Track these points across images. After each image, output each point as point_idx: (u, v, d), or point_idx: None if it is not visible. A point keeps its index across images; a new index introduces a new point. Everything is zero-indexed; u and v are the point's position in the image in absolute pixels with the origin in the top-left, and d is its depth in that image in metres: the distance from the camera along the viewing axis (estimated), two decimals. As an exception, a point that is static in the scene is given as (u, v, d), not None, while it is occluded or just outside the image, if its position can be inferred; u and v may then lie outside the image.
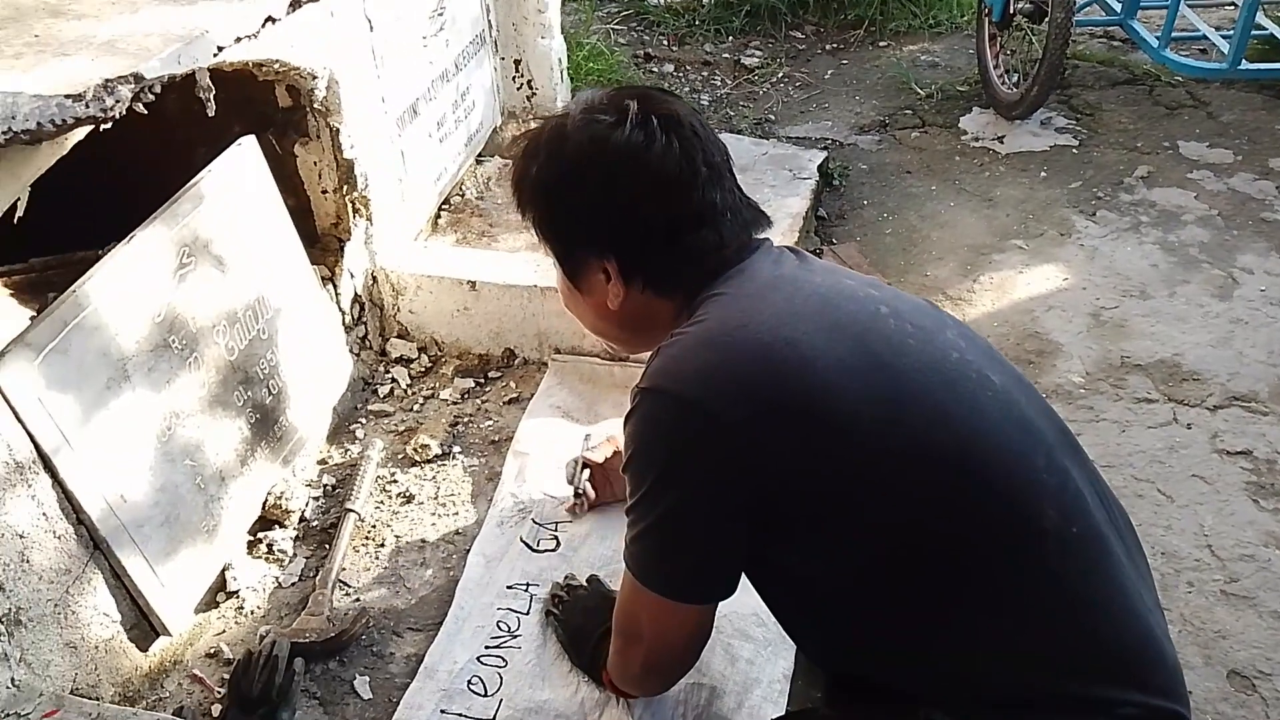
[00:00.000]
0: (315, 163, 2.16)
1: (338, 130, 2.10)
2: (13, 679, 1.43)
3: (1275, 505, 2.05)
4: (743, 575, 1.22)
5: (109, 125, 1.44)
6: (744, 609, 1.68)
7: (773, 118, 3.65)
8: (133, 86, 1.38)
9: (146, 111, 1.48)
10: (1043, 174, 3.24)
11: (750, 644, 1.66)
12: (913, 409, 1.09)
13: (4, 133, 1.16)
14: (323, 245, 2.23)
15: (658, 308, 1.26)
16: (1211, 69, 3.32)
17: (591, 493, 1.89)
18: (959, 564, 1.09)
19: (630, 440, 1.15)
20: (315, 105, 2.05)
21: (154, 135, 2.07)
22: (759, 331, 1.12)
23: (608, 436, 1.93)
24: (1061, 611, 1.09)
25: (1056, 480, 1.12)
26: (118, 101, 1.30)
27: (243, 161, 1.85)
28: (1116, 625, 1.11)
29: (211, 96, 1.65)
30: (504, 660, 1.65)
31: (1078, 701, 1.08)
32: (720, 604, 1.24)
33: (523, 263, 2.32)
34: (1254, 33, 3.30)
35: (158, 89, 1.45)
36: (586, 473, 1.88)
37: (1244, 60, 3.20)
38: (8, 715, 1.40)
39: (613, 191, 1.20)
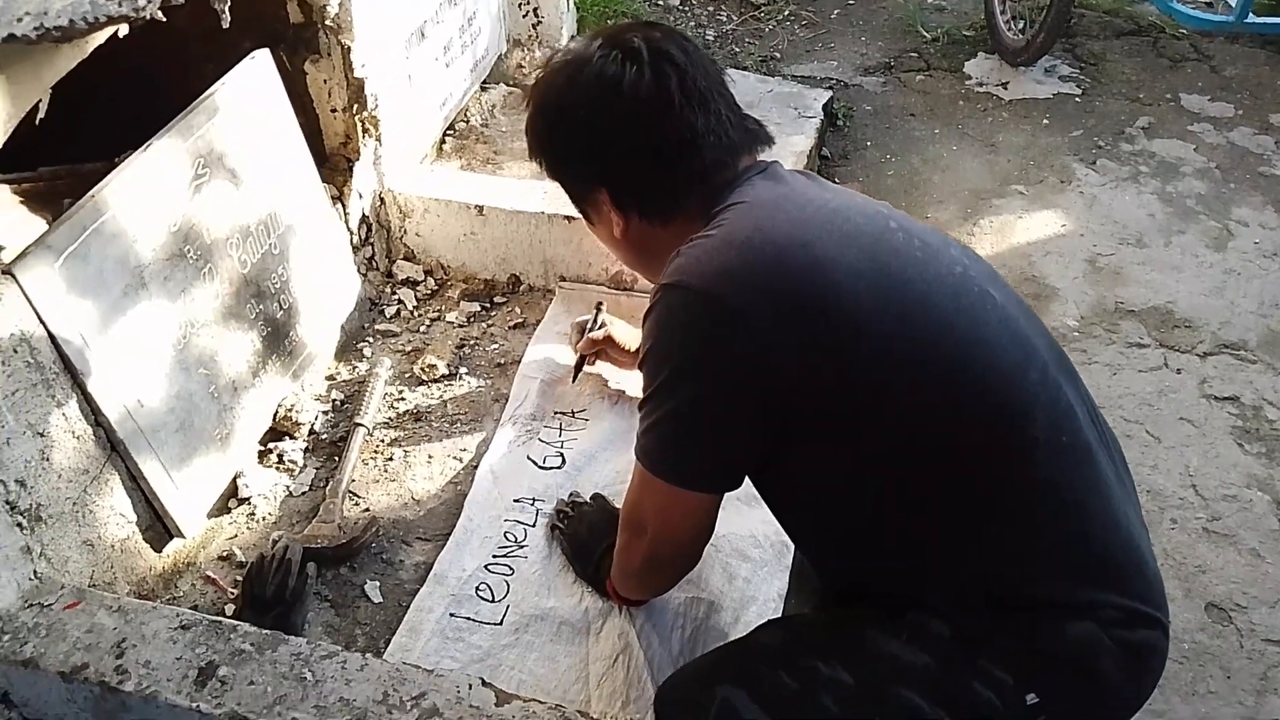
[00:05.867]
0: (325, 81, 2.15)
1: (349, 48, 2.09)
2: (35, 571, 1.47)
3: (1259, 449, 2.11)
4: (745, 482, 1.26)
5: (128, 32, 1.44)
6: (742, 530, 1.73)
7: (778, 55, 3.63)
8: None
9: (165, 19, 1.48)
10: (1045, 121, 3.26)
11: (748, 564, 1.71)
12: (918, 316, 1.13)
13: (36, 29, 1.16)
14: (331, 165, 2.23)
15: (659, 234, 1.29)
16: (1218, 21, 3.32)
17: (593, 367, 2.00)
18: (955, 468, 1.14)
19: (650, 333, 1.19)
20: (327, 22, 2.04)
21: (164, 50, 2.06)
22: (774, 235, 1.16)
23: (605, 323, 1.99)
24: (1049, 516, 1.15)
25: (1049, 393, 1.17)
26: (149, 2, 1.30)
27: (256, 75, 1.84)
28: (1102, 533, 1.16)
29: (227, 7, 1.65)
30: (511, 569, 1.70)
31: (1062, 603, 1.14)
32: (719, 527, 1.29)
33: (530, 189, 2.33)
34: (1262, -14, 3.30)
35: (186, -8, 1.45)
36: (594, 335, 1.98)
37: (1251, 14, 3.21)
38: (30, 605, 1.44)
39: (590, 125, 1.26)
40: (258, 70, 1.84)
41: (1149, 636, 1.16)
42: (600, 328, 1.97)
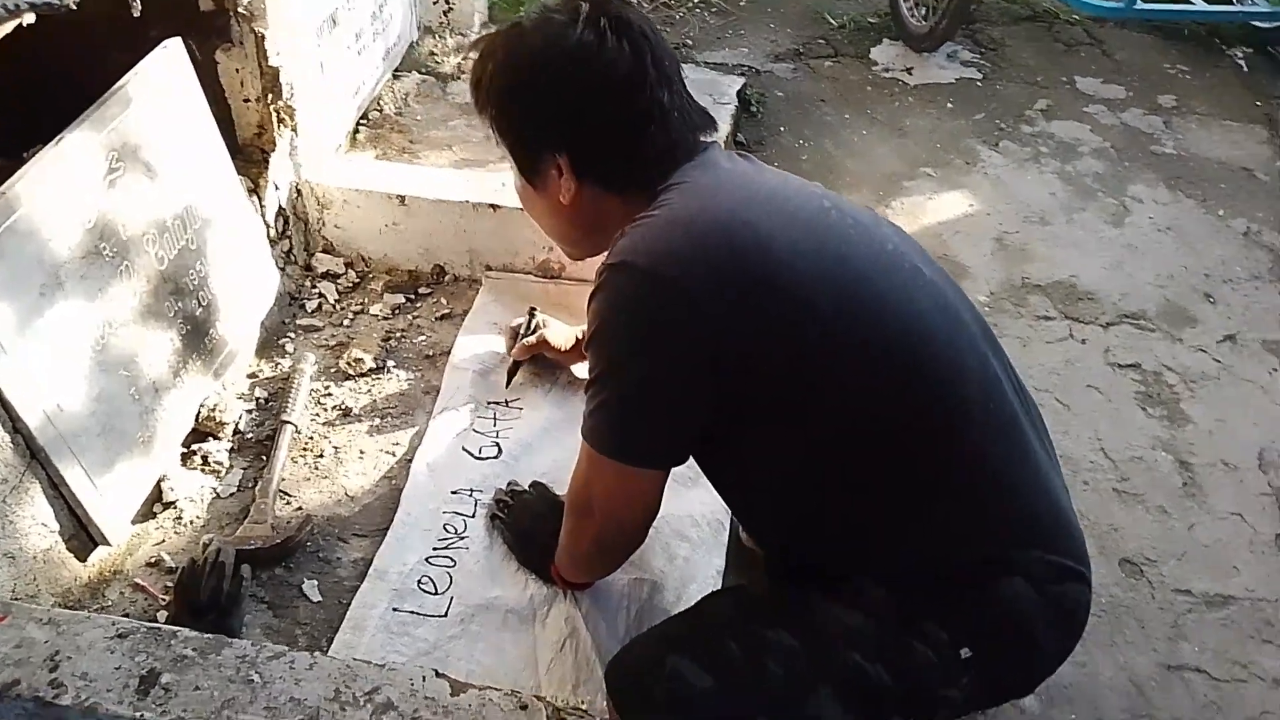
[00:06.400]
0: (238, 70, 2.09)
1: (263, 36, 2.03)
2: (-46, 587, 1.41)
3: (1161, 412, 2.23)
4: (686, 461, 1.28)
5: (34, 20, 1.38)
6: (680, 511, 1.76)
7: (690, 43, 3.66)
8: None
9: (76, 7, 1.42)
10: (950, 105, 3.36)
11: (686, 544, 1.74)
12: (857, 293, 1.17)
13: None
14: (245, 156, 2.17)
15: (608, 205, 1.30)
16: (1109, 8, 3.47)
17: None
18: (893, 440, 1.18)
19: (597, 315, 1.20)
20: (240, 9, 1.99)
21: (67, 40, 1.98)
22: (719, 214, 1.18)
23: (541, 325, 1.99)
24: (983, 483, 1.20)
25: (978, 363, 1.22)
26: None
27: (169, 65, 1.78)
28: (1029, 494, 1.23)
29: (138, -6, 1.59)
30: (453, 560, 1.69)
31: (993, 562, 1.19)
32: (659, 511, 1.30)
33: (453, 178, 2.31)
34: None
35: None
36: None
37: (1140, 1, 3.36)
38: (-48, 623, 1.38)
39: (566, 90, 1.25)
40: (170, 60, 1.78)
41: (1075, 590, 1.22)
42: (533, 332, 1.97)
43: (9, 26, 1.35)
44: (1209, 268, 2.67)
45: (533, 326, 1.98)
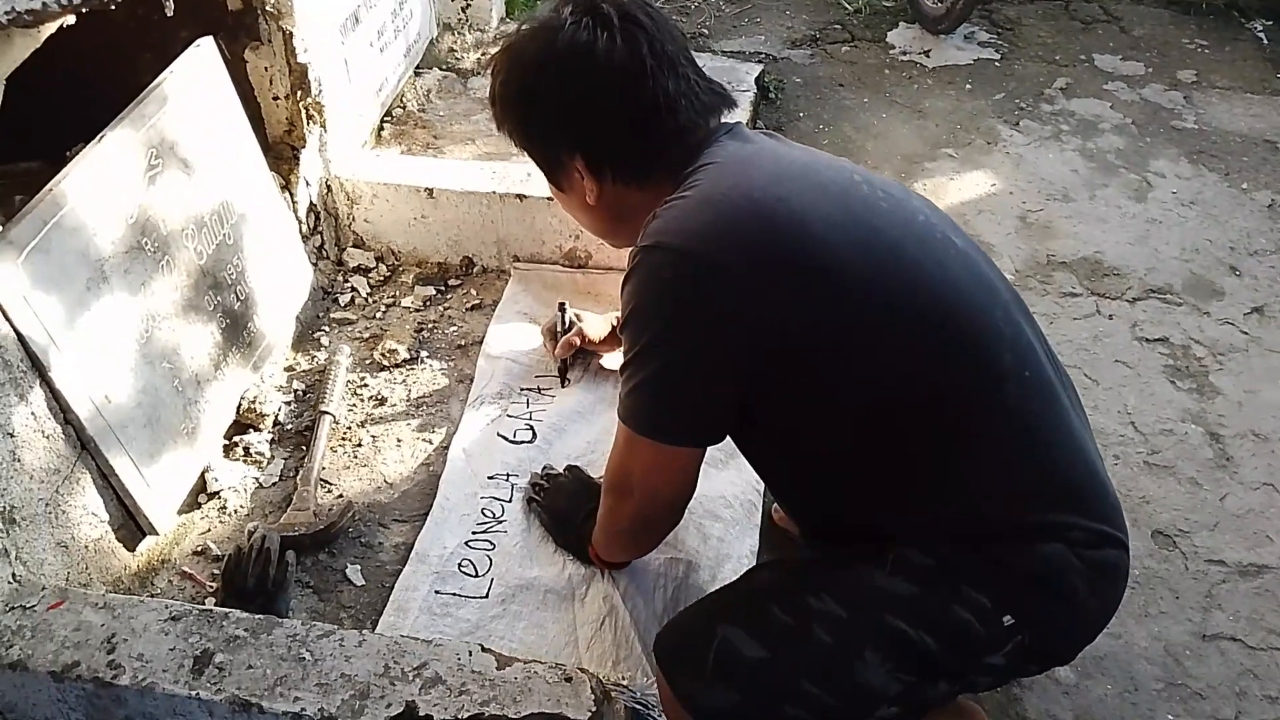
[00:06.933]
0: (267, 68, 2.13)
1: (291, 34, 2.07)
2: (13, 574, 1.44)
3: (1190, 385, 2.24)
4: (724, 439, 1.30)
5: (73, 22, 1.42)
6: (712, 493, 1.78)
7: (706, 32, 3.68)
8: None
9: (115, 6, 1.46)
10: (968, 86, 3.36)
11: (720, 523, 1.76)
12: (891, 264, 1.18)
13: (7, 13, 1.14)
14: (276, 153, 2.21)
15: (634, 198, 1.31)
16: (1125, -16, 3.46)
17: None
18: (933, 409, 1.19)
19: (631, 296, 1.21)
20: (267, 8, 2.02)
21: (98, 44, 2.02)
22: (751, 190, 1.19)
23: (574, 320, 2.01)
24: (1019, 448, 1.21)
25: (1011, 330, 1.23)
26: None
27: (202, 63, 1.82)
28: (1066, 460, 1.23)
29: (171, -6, 1.62)
30: (492, 544, 1.72)
31: (1033, 526, 1.20)
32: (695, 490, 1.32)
33: (479, 170, 2.34)
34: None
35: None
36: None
37: (1156, -26, 3.35)
38: (11, 609, 1.42)
39: (564, 92, 1.27)
40: (203, 58, 1.82)
41: (1113, 555, 1.23)
42: (569, 328, 1.99)
43: (52, 28, 1.39)
44: (1233, 240, 2.66)
45: (568, 322, 2.00)
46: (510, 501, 1.80)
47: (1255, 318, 2.42)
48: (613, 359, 2.03)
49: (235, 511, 1.82)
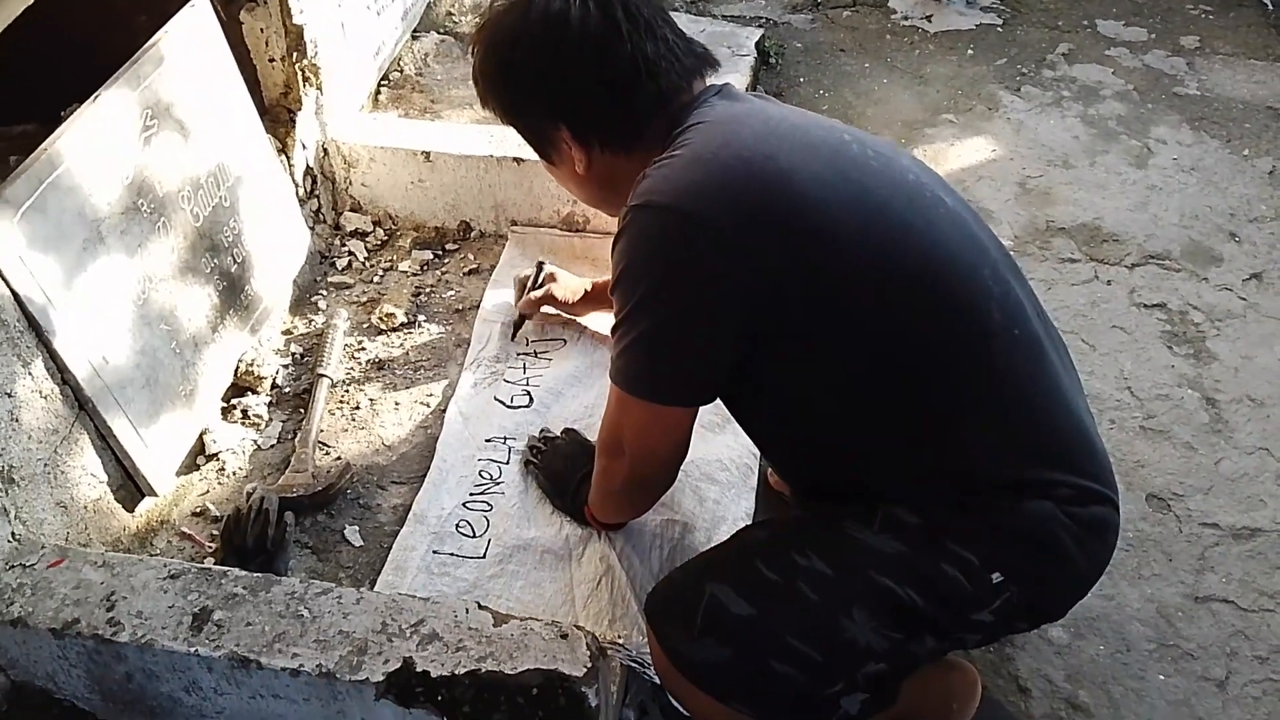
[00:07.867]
0: (262, 30, 2.11)
1: (286, -6, 2.05)
2: (13, 533, 1.46)
3: (1187, 350, 2.24)
4: (714, 399, 1.30)
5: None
6: (709, 456, 1.79)
7: (706, -4, 3.65)
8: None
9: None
10: (970, 52, 3.34)
11: (716, 486, 1.76)
12: (881, 222, 1.18)
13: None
14: (272, 116, 2.20)
15: (623, 165, 1.31)
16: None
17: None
18: (921, 366, 1.20)
19: (622, 256, 1.21)
20: (262, -33, 2.01)
21: (90, 6, 2.01)
22: (740, 149, 1.19)
23: (550, 276, 2.01)
24: (1007, 404, 1.22)
25: (1000, 289, 1.23)
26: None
27: (197, 23, 1.81)
28: (1053, 417, 1.24)
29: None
30: (489, 505, 1.73)
31: (1021, 484, 1.21)
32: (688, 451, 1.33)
33: (477, 133, 2.33)
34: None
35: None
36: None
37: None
38: (12, 567, 1.43)
39: (541, 64, 1.26)
40: (197, 18, 1.80)
41: (1101, 512, 1.24)
42: (540, 285, 1.99)
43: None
44: (1233, 207, 2.65)
45: (540, 280, 2.00)
46: (508, 464, 1.81)
47: (1254, 284, 2.42)
48: (594, 320, 2.04)
49: (234, 473, 1.82)
